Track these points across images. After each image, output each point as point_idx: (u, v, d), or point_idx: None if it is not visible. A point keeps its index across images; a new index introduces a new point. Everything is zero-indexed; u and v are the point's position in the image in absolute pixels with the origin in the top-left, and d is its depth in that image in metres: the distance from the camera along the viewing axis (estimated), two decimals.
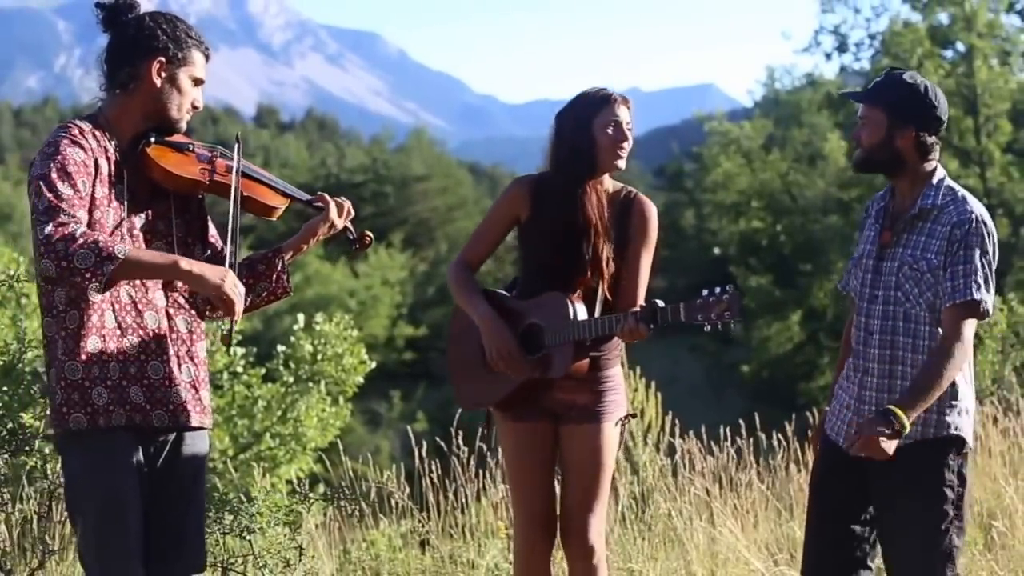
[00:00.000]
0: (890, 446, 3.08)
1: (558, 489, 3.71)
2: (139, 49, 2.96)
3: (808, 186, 26.34)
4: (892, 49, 23.12)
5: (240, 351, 7.08)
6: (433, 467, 5.62)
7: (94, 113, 3.01)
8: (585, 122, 3.55)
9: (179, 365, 2.99)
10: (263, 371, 7.40)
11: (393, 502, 5.49)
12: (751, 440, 5.92)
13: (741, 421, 5.96)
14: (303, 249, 3.16)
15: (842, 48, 26.08)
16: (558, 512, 3.66)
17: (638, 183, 3.69)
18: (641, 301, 3.53)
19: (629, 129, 3.58)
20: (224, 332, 3.05)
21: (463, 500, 5.61)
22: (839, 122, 26.04)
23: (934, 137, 3.29)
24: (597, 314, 3.54)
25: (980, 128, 22.44)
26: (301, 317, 7.33)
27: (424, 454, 5.69)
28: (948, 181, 3.30)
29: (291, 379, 7.33)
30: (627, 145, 3.56)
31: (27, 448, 3.53)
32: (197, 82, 3.02)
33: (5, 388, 3.56)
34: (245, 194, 3.00)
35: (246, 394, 7.27)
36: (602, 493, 3.60)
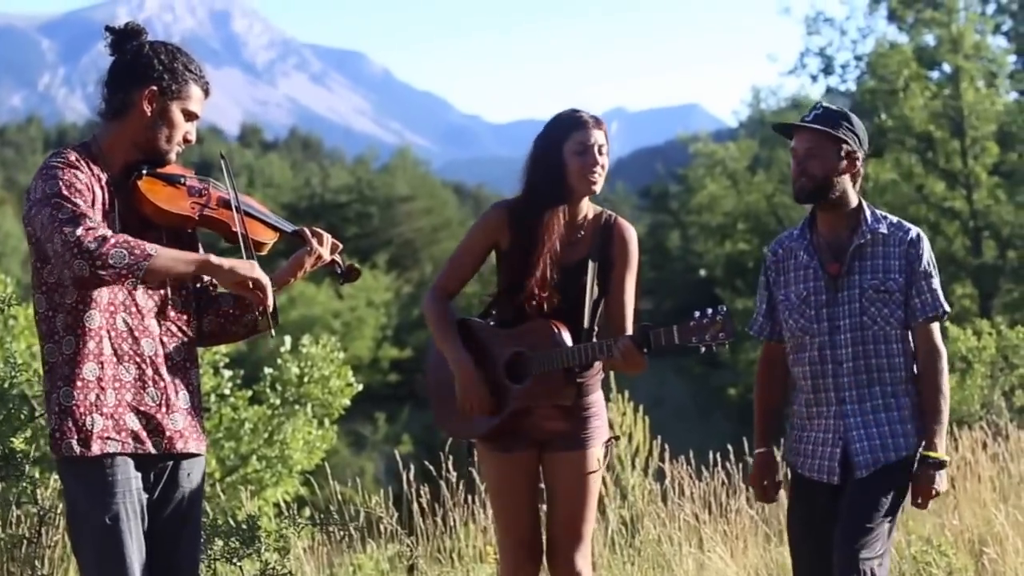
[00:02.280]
0: (942, 484, 3.31)
1: (543, 513, 3.70)
2: (133, 76, 2.95)
3: (794, 207, 26.41)
4: (879, 71, 23.21)
5: (227, 373, 7.04)
6: (422, 492, 5.59)
7: (87, 141, 3.01)
8: (556, 146, 3.53)
9: (176, 392, 2.98)
10: (249, 393, 7.36)
11: (381, 526, 5.46)
12: (740, 465, 5.92)
13: (730, 446, 5.95)
14: (290, 281, 3.14)
15: (828, 70, 26.19)
16: (544, 537, 3.65)
17: (623, 204, 3.70)
18: (630, 324, 3.52)
19: (601, 152, 3.54)
20: (259, 317, 2.99)
21: (451, 524, 5.59)
22: None
23: (862, 168, 3.44)
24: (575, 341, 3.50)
25: (967, 150, 22.55)
26: (288, 339, 7.29)
27: (412, 478, 5.67)
28: (875, 208, 3.44)
29: (278, 401, 7.29)
30: (599, 169, 3.53)
31: (18, 473, 3.51)
32: (190, 116, 3.01)
33: (13, 417, 3.53)
34: (234, 229, 2.99)
35: (233, 416, 7.23)
36: (588, 519, 3.60)
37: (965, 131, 22.31)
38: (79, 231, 2.71)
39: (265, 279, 2.86)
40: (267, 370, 7.36)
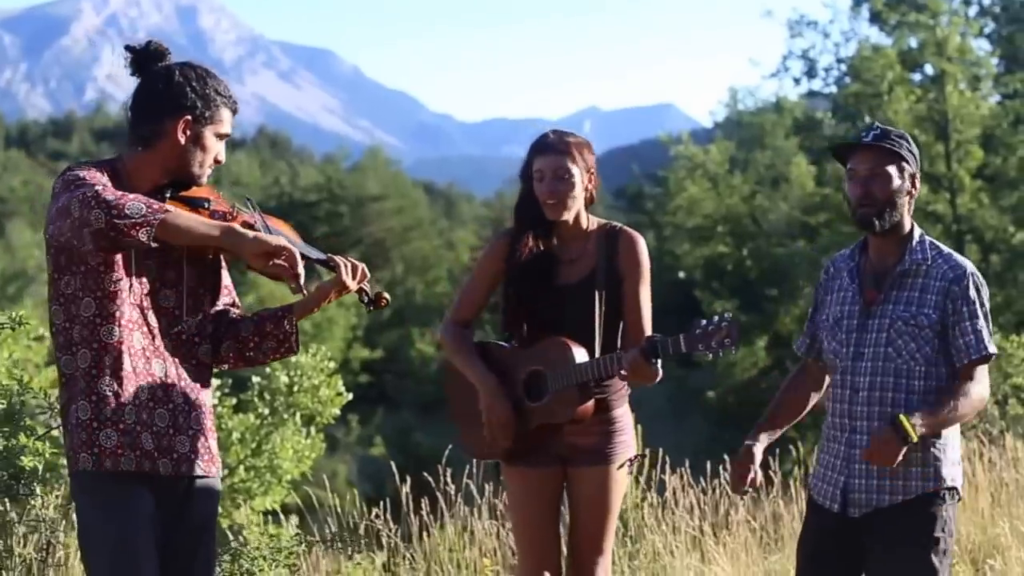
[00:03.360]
0: (897, 453, 3.08)
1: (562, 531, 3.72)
2: (166, 106, 2.91)
3: (772, 210, 26.48)
4: (863, 74, 23.26)
5: (216, 382, 6.96)
6: (422, 504, 5.55)
7: (113, 160, 2.97)
8: (526, 171, 3.58)
9: (188, 413, 2.95)
10: (234, 401, 7.27)
11: (380, 537, 5.41)
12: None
13: (726, 456, 5.94)
14: (313, 310, 3.11)
15: (811, 73, 26.26)
16: (564, 553, 3.66)
17: (597, 203, 3.71)
18: (647, 332, 3.51)
19: (562, 177, 3.52)
20: (291, 287, 2.88)
21: (448, 534, 5.55)
22: (806, 146, 26.26)
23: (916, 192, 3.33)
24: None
25: (951, 154, 22.62)
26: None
27: (408, 489, 5.63)
28: (928, 237, 3.32)
29: (266, 411, 7.21)
30: (556, 195, 3.51)
31: (27, 492, 3.49)
32: (222, 137, 2.98)
33: (6, 429, 3.50)
34: None
35: (220, 426, 7.14)
36: (609, 534, 3.62)
37: (949, 135, 22.42)
38: (98, 189, 2.68)
39: (292, 246, 2.79)
40: (256, 379, 7.29)
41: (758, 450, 3.40)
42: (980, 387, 3.19)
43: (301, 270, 2.82)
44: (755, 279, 25.63)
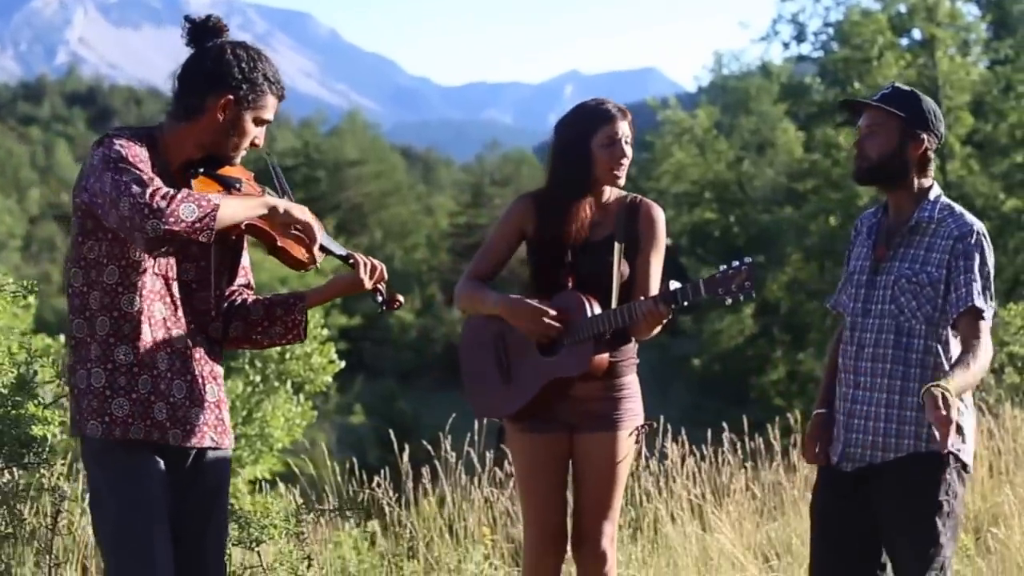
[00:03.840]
0: (949, 416, 2.92)
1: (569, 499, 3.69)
2: (210, 82, 2.87)
3: (758, 176, 26.47)
4: (852, 39, 23.19)
5: None
6: (422, 474, 5.54)
7: (151, 128, 2.94)
8: (584, 138, 3.56)
9: (203, 385, 2.94)
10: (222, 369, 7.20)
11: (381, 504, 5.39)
12: (741, 442, 5.94)
13: (725, 424, 5.96)
14: (325, 301, 3.15)
15: (800, 37, 26.17)
16: (570, 521, 3.64)
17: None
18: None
19: (628, 144, 3.59)
20: (307, 257, 2.95)
21: (449, 503, 5.55)
22: (792, 112, 26.22)
23: (933, 152, 3.31)
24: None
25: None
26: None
27: (406, 457, 5.62)
28: (944, 197, 3.32)
29: (258, 378, 7.18)
30: (626, 162, 3.59)
31: (37, 461, 3.49)
32: (261, 123, 2.94)
33: (18, 398, 3.49)
34: (279, 244, 2.95)
35: None
36: (616, 501, 3.60)
37: (939, 101, 22.43)
38: (147, 192, 2.66)
39: (315, 224, 2.87)
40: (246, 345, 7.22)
41: (829, 420, 3.41)
42: (982, 351, 3.14)
43: (317, 247, 2.89)
44: (742, 246, 25.69)
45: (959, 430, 3.18)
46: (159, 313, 2.88)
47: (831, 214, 23.37)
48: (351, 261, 3.03)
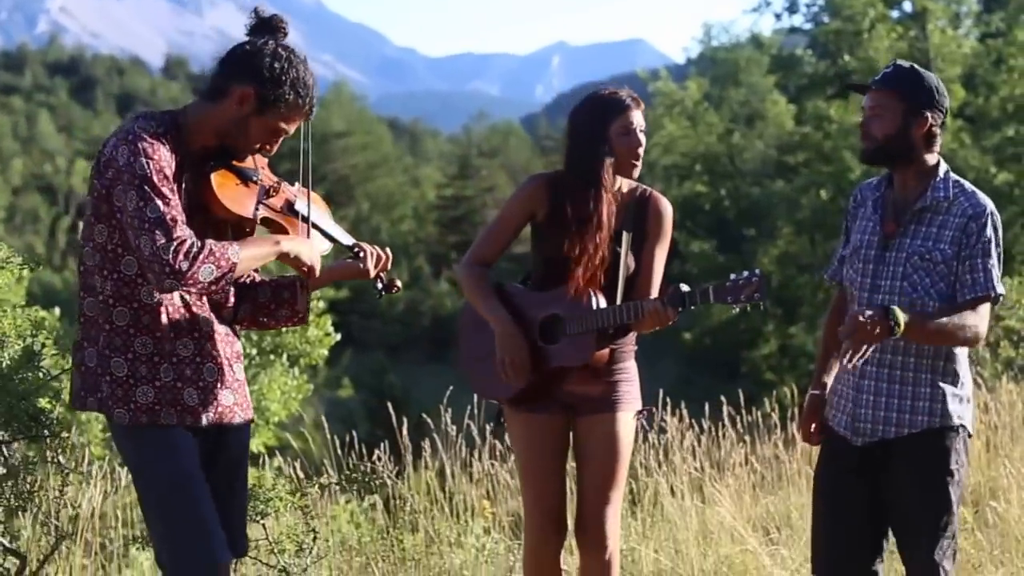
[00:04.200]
0: (874, 336, 3.07)
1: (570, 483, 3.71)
2: (239, 69, 2.88)
3: (747, 148, 26.41)
4: (843, 11, 23.11)
5: None
6: (423, 446, 5.54)
7: (177, 112, 2.94)
8: (600, 127, 3.56)
9: (232, 366, 2.99)
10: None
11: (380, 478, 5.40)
12: (739, 415, 5.97)
13: (723, 398, 5.98)
14: (326, 284, 3.17)
15: (792, 8, 26.04)
16: (573, 505, 3.65)
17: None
18: (655, 295, 3.53)
19: (643, 132, 3.61)
20: (300, 291, 3.09)
21: (448, 476, 5.56)
22: (782, 84, 26.13)
23: (939, 128, 3.33)
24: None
25: None
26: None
27: (405, 428, 5.62)
28: (952, 174, 3.34)
29: (254, 351, 7.14)
30: (641, 151, 3.61)
31: (45, 434, 3.49)
32: (278, 132, 2.93)
33: (29, 376, 3.49)
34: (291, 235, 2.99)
35: None
36: (618, 484, 3.58)
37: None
38: (172, 248, 2.71)
39: (318, 266, 2.96)
40: None
41: (823, 400, 3.46)
42: (977, 318, 3.20)
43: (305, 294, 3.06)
44: (732, 219, 25.65)
45: (960, 400, 3.26)
46: (180, 299, 2.90)
47: (822, 187, 23.38)
48: (358, 252, 3.05)
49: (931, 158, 3.31)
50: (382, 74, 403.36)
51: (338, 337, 7.32)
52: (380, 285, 3.13)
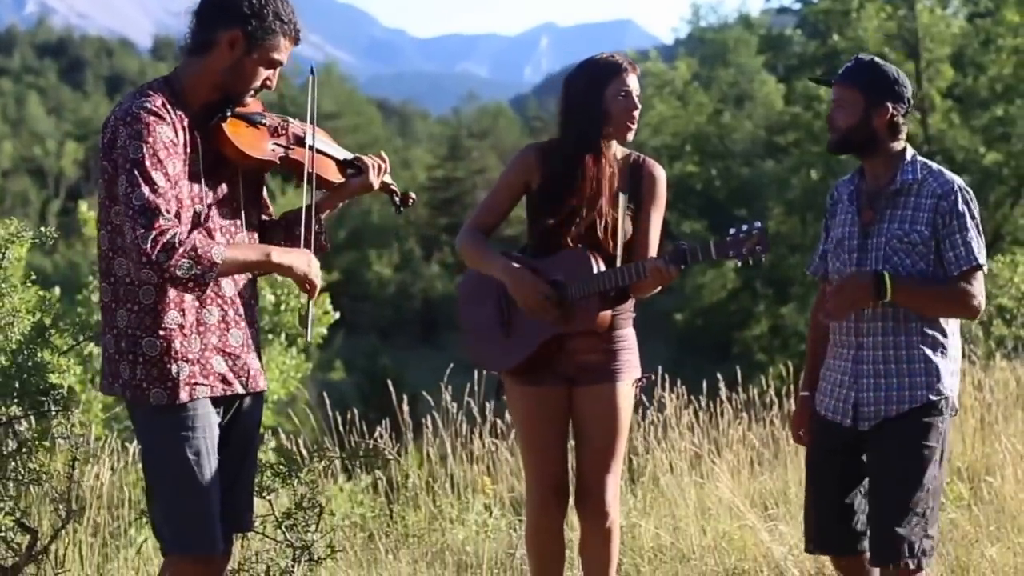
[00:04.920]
0: (862, 299, 3.21)
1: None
2: (220, 16, 2.87)
3: (737, 128, 26.34)
4: None
5: None
6: (425, 422, 5.57)
7: (170, 77, 2.93)
8: (596, 91, 3.55)
9: (253, 331, 3.01)
10: None
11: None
12: (735, 392, 6.01)
13: (719, 375, 6.01)
14: (338, 206, 3.18)
15: None
16: (572, 476, 3.66)
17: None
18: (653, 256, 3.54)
19: (638, 97, 3.61)
20: (303, 314, 3.07)
21: (447, 454, 5.59)
22: (771, 64, 26.01)
23: (903, 117, 3.41)
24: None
25: (921, 73, 22.57)
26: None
27: (406, 406, 5.65)
28: (919, 157, 3.43)
29: None
30: (637, 115, 3.60)
31: (56, 410, 3.50)
32: (273, 64, 2.92)
33: (39, 351, 3.50)
34: (308, 171, 2.99)
35: None
36: (618, 454, 3.61)
37: (920, 54, 22.38)
38: (150, 237, 2.70)
39: (317, 277, 2.94)
40: None
41: (813, 402, 3.54)
42: (970, 288, 3.29)
43: (312, 303, 3.02)
44: (723, 199, 25.60)
45: (951, 374, 3.33)
46: None
47: (812, 167, 23.38)
48: (358, 164, 3.09)
49: (897, 145, 3.40)
50: (371, 55, 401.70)
51: (336, 315, 7.35)
52: (397, 200, 3.17)
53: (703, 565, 4.44)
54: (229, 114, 2.90)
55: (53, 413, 3.46)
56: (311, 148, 3.00)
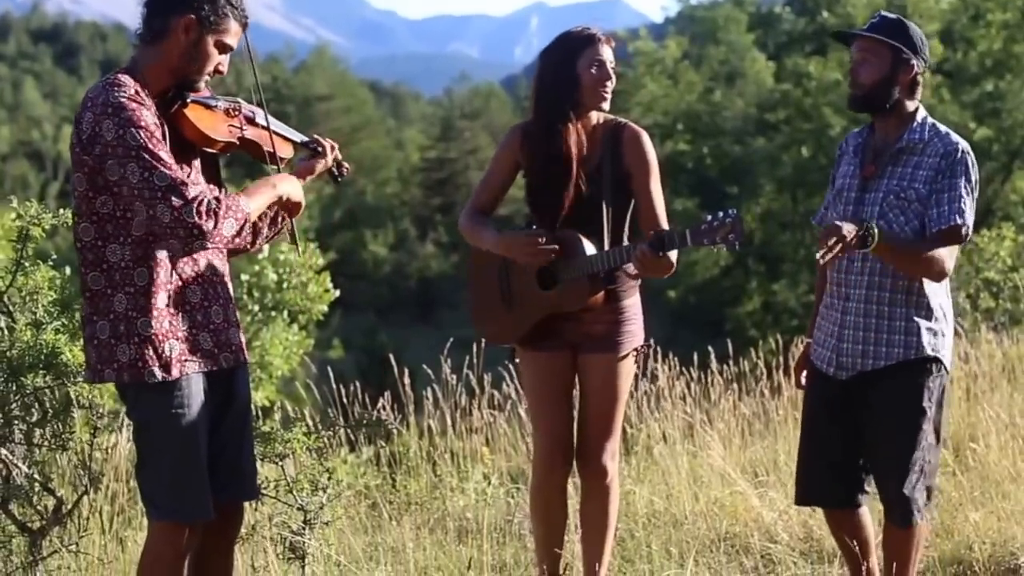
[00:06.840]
0: (849, 242, 3.19)
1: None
2: (173, 3, 2.93)
3: (728, 106, 26.27)
4: None
5: None
6: (426, 393, 5.68)
7: (131, 66, 2.99)
8: (569, 61, 3.61)
9: (231, 304, 3.09)
10: None
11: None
12: (726, 365, 6.11)
13: (710, 348, 6.12)
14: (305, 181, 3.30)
15: None
16: (575, 436, 3.79)
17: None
18: (664, 226, 3.60)
19: (613, 69, 3.66)
20: (291, 231, 3.28)
21: (448, 425, 5.72)
22: (762, 41, 25.88)
23: (921, 77, 3.47)
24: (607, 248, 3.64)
25: None
26: (266, 247, 7.22)
27: (408, 381, 5.77)
28: (931, 119, 3.48)
29: (256, 308, 7.28)
30: (611, 84, 3.64)
31: (78, 380, 3.59)
32: (224, 48, 3.00)
33: (65, 324, 3.60)
34: (267, 149, 3.13)
35: None
36: (617, 419, 3.76)
37: None
38: (193, 209, 2.79)
39: (302, 200, 3.14)
40: (244, 276, 7.34)
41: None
42: (944, 253, 3.33)
43: (292, 223, 3.24)
44: (715, 177, 25.56)
45: (934, 334, 3.40)
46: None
47: (803, 144, 23.36)
48: (316, 147, 3.25)
49: (911, 104, 3.45)
50: (362, 37, 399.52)
51: (337, 293, 7.46)
52: (336, 173, 3.35)
53: (695, 529, 4.57)
54: (189, 100, 2.98)
55: (75, 384, 3.55)
56: (267, 128, 3.14)
